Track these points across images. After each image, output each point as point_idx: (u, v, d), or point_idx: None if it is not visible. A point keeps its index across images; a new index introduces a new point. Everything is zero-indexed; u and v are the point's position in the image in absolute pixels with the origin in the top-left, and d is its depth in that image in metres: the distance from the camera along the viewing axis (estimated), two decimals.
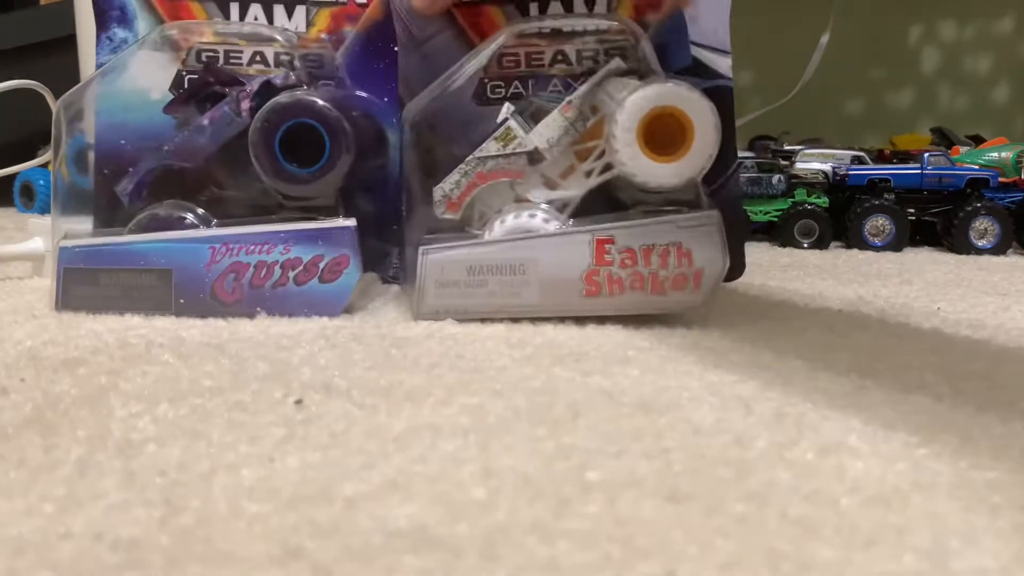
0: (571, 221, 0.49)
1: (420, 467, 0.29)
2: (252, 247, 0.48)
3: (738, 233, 0.51)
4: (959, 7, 1.35)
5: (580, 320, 0.47)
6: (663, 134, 0.47)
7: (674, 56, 0.51)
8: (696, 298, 0.47)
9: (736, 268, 0.52)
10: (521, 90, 0.51)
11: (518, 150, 0.48)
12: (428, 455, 0.30)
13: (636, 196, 0.49)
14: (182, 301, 0.48)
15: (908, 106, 1.37)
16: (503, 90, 0.50)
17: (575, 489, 0.28)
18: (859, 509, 0.27)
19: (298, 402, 0.35)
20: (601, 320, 0.47)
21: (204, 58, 0.53)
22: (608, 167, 0.48)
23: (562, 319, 0.48)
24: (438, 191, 0.49)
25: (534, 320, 0.48)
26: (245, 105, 0.49)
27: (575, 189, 0.49)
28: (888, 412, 0.35)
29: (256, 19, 0.54)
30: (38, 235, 0.59)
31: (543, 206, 0.49)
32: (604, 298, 0.47)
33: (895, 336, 0.47)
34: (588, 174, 0.49)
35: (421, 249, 0.48)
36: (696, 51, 0.52)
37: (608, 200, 0.50)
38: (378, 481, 0.28)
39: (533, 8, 0.51)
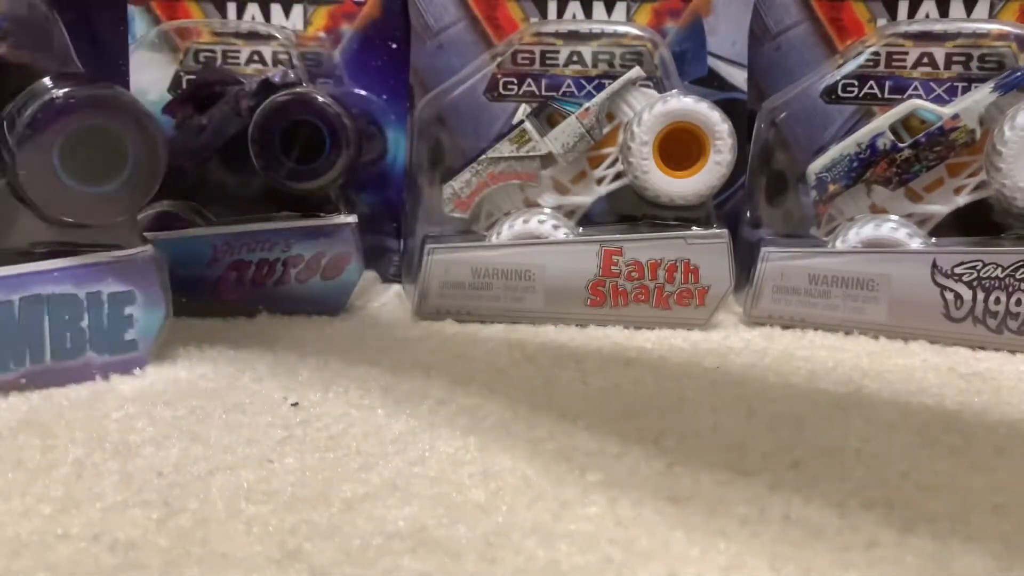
0: (580, 229, 0.49)
1: (419, 468, 0.29)
2: (254, 245, 0.48)
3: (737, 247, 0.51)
4: None
5: (581, 321, 0.47)
6: (679, 149, 0.46)
7: (691, 66, 0.51)
8: (700, 314, 0.47)
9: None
10: (534, 88, 0.50)
11: (532, 153, 0.48)
12: (427, 456, 0.30)
13: (644, 208, 0.49)
14: (184, 300, 0.48)
15: None
16: (515, 87, 0.50)
17: (575, 491, 0.28)
18: (860, 510, 0.27)
19: (294, 404, 0.35)
20: (602, 321, 0.47)
21: (202, 58, 0.53)
22: (620, 175, 0.48)
23: (563, 319, 0.48)
24: (447, 188, 0.48)
25: (534, 321, 0.48)
26: (244, 104, 0.49)
27: (585, 195, 0.49)
28: (890, 413, 0.35)
29: (253, 18, 0.54)
30: None
31: (552, 212, 0.48)
32: (608, 309, 0.47)
33: (897, 336, 0.47)
34: (599, 181, 0.48)
35: (427, 248, 0.47)
36: (712, 62, 0.51)
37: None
38: (377, 482, 0.28)
39: (552, 6, 0.51)
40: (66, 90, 0.35)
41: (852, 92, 0.49)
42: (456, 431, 0.32)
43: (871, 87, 0.49)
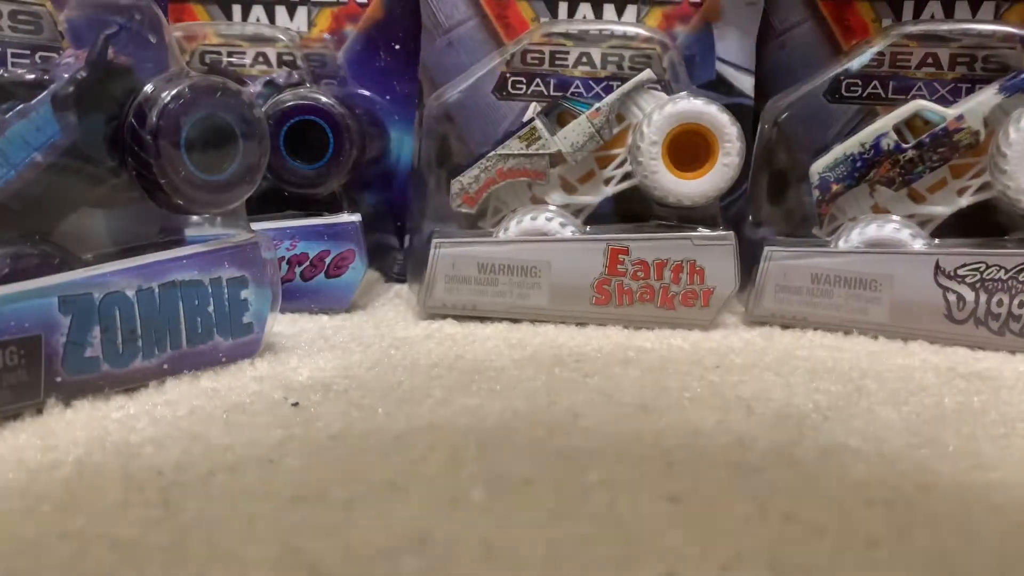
0: (587, 228, 0.49)
1: (419, 468, 0.29)
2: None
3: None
4: None
5: (586, 319, 0.47)
6: (687, 150, 0.47)
7: (699, 70, 0.51)
8: (704, 315, 0.47)
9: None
10: (542, 88, 0.50)
11: (541, 151, 0.48)
12: (427, 456, 0.30)
13: (653, 209, 0.49)
14: None
15: None
16: (524, 86, 0.50)
17: (575, 490, 0.28)
18: (861, 510, 0.27)
19: (295, 404, 0.35)
20: (607, 320, 0.47)
21: (207, 60, 0.53)
22: (628, 176, 0.48)
23: (568, 317, 0.48)
24: (456, 184, 0.48)
25: (534, 320, 0.48)
26: None
27: (593, 195, 0.49)
28: (889, 413, 0.35)
29: (258, 20, 0.54)
30: None
31: (559, 209, 0.48)
32: (613, 307, 0.47)
33: (898, 337, 0.47)
34: (607, 181, 0.49)
35: (434, 242, 0.47)
36: (720, 67, 0.51)
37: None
38: (377, 482, 0.28)
39: (563, 7, 0.51)
40: (190, 83, 0.37)
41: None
42: (456, 431, 0.32)
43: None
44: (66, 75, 0.36)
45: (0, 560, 0.23)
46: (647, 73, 0.48)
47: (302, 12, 0.54)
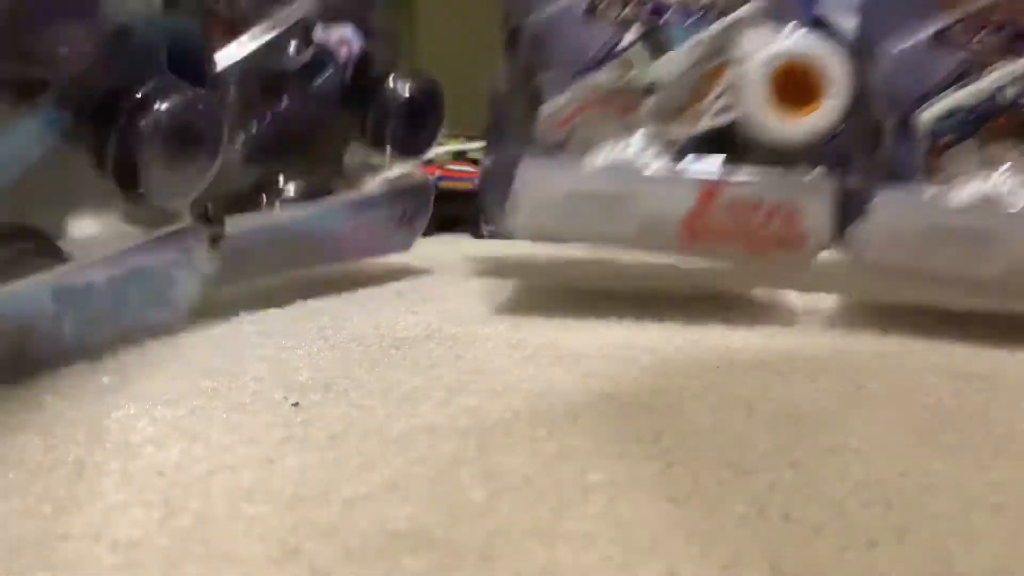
0: (678, 162, 0.46)
1: (419, 468, 0.29)
2: None
3: None
4: None
5: (581, 319, 0.47)
6: (790, 88, 0.44)
7: (801, 8, 0.47)
8: (795, 260, 0.44)
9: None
10: (637, 12, 0.47)
11: (635, 82, 0.46)
12: (427, 456, 0.30)
13: (750, 147, 0.46)
14: None
15: None
16: (619, 8, 0.47)
17: (575, 490, 0.28)
18: (861, 510, 0.27)
19: (295, 404, 0.35)
20: (687, 259, 0.46)
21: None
22: (725, 110, 0.46)
23: (562, 317, 0.47)
24: (544, 109, 0.46)
25: (534, 320, 0.48)
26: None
27: (687, 128, 0.46)
28: (890, 413, 0.35)
29: None
30: None
31: (650, 141, 0.46)
32: (701, 245, 0.44)
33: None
34: (703, 115, 0.46)
35: (520, 167, 0.45)
36: (824, 7, 0.48)
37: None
38: (377, 482, 0.28)
39: None
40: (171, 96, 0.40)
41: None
42: (456, 431, 0.32)
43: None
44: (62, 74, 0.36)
45: (0, 560, 0.23)
46: (752, 5, 0.45)
47: None
